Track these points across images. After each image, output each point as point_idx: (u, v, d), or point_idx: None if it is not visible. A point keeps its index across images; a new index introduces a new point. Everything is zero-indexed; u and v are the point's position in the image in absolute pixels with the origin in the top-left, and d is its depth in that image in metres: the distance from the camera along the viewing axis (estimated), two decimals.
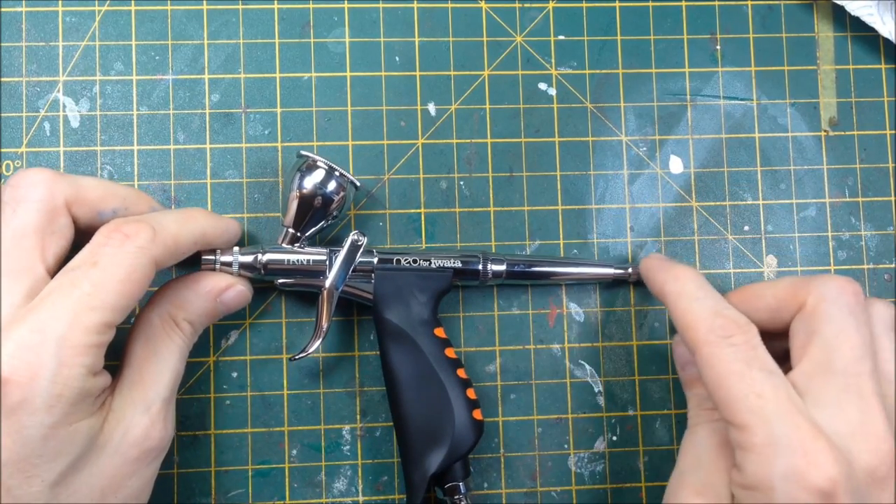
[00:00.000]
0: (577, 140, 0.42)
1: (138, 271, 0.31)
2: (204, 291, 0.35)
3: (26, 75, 0.40)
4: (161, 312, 0.34)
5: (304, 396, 0.40)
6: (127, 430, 0.32)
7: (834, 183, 0.42)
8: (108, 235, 0.31)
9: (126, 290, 0.30)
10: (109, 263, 0.30)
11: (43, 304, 0.30)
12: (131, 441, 0.32)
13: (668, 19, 0.43)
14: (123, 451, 0.31)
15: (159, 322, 0.34)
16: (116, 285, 0.30)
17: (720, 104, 0.43)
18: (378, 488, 0.40)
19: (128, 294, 0.31)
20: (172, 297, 0.35)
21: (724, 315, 0.32)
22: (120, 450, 0.31)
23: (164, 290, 0.35)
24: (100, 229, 0.32)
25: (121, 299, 0.30)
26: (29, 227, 0.31)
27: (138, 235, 0.31)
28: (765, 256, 0.42)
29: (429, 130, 0.41)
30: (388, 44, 0.42)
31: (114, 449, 0.31)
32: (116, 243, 0.31)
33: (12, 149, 0.40)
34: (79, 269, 0.30)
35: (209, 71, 0.41)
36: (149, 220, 0.32)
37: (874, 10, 0.42)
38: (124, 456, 0.31)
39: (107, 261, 0.31)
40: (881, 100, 0.43)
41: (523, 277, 0.40)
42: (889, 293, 0.42)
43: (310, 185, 0.36)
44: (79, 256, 0.31)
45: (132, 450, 0.32)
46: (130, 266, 0.31)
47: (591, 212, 0.42)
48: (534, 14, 0.42)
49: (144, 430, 0.32)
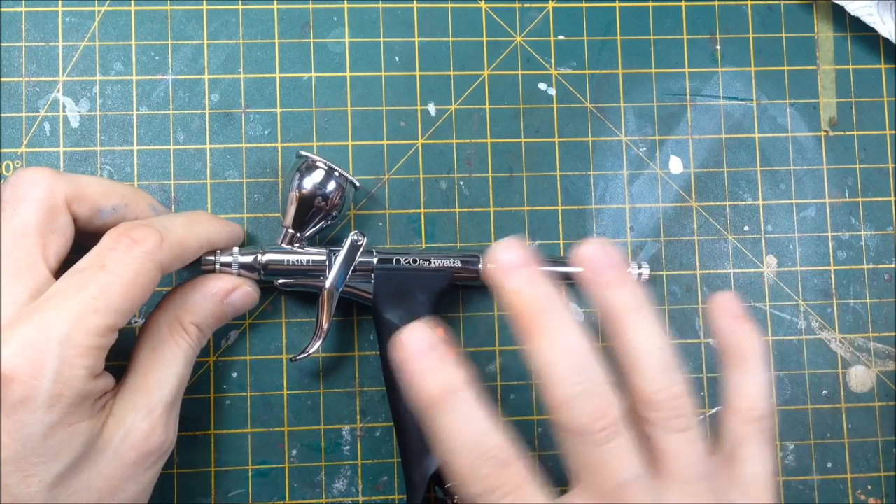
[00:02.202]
0: (577, 140, 0.42)
1: (144, 276, 0.31)
2: (210, 294, 0.35)
3: (26, 75, 0.40)
4: (168, 317, 0.34)
5: (304, 396, 0.40)
6: (127, 434, 0.31)
7: (834, 183, 0.42)
8: (116, 239, 0.31)
9: (131, 295, 0.31)
10: (116, 267, 0.31)
11: (48, 304, 0.30)
12: (130, 445, 0.31)
13: (668, 19, 0.43)
14: (122, 454, 0.31)
15: (166, 327, 0.34)
16: (122, 289, 0.30)
17: (720, 104, 0.43)
18: (378, 488, 0.40)
19: (133, 298, 0.31)
20: (180, 300, 0.35)
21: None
22: (119, 453, 0.31)
23: (172, 294, 0.35)
24: (108, 232, 0.32)
25: (125, 303, 0.30)
26: (30, 225, 0.31)
27: (146, 241, 0.31)
28: (765, 256, 0.42)
29: (429, 130, 0.41)
30: (387, 44, 0.42)
31: (113, 452, 0.31)
32: (124, 248, 0.31)
33: (12, 149, 0.40)
34: (86, 272, 0.30)
35: (209, 71, 0.41)
36: (156, 225, 0.32)
37: (874, 10, 0.42)
38: (123, 459, 0.31)
39: (114, 265, 0.31)
40: (881, 100, 0.43)
41: None
42: (889, 293, 0.42)
43: (309, 186, 0.36)
44: (86, 259, 0.31)
45: (131, 453, 0.31)
46: (137, 271, 0.31)
47: (591, 212, 0.42)
48: (534, 14, 0.42)
49: (144, 434, 0.32)
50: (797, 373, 0.41)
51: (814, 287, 0.42)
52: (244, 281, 0.36)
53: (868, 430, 0.41)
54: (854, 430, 0.41)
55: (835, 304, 0.42)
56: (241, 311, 0.37)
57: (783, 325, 0.42)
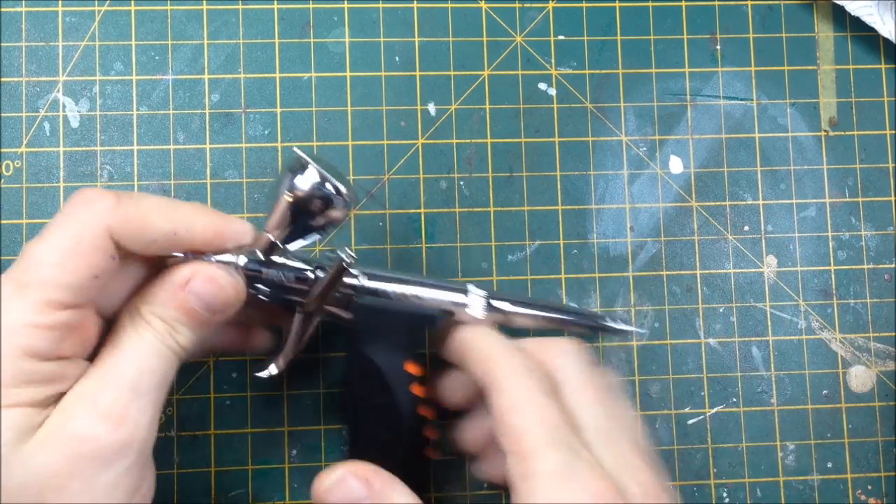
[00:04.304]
0: (577, 140, 0.42)
1: (87, 241, 0.28)
2: (168, 280, 0.31)
3: (26, 75, 0.40)
4: (129, 309, 0.31)
5: (304, 396, 0.40)
6: (67, 425, 0.28)
7: (834, 183, 0.43)
8: (69, 202, 0.29)
9: (73, 265, 0.28)
10: (56, 234, 0.28)
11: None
12: (70, 437, 0.28)
13: (668, 19, 0.43)
14: (62, 446, 0.28)
15: (127, 317, 0.31)
16: (58, 259, 0.28)
17: (720, 104, 0.43)
18: None
19: (75, 269, 0.28)
20: (140, 292, 0.31)
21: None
22: (60, 445, 0.28)
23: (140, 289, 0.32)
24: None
25: (66, 275, 0.28)
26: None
27: (96, 202, 0.29)
28: (765, 256, 0.42)
29: (429, 130, 0.41)
30: (387, 44, 0.42)
31: (54, 444, 0.28)
32: (67, 210, 0.29)
33: (12, 149, 0.40)
34: (30, 244, 0.28)
35: (209, 71, 0.41)
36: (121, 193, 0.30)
37: (874, 10, 0.42)
38: (63, 453, 0.28)
39: (54, 231, 0.28)
40: (881, 100, 0.43)
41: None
42: (889, 293, 0.42)
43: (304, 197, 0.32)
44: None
45: (71, 447, 0.28)
46: (78, 235, 0.28)
47: (591, 212, 0.42)
48: (534, 14, 0.42)
49: (89, 427, 0.28)
50: (797, 373, 0.41)
51: (814, 287, 0.42)
52: (208, 266, 0.31)
53: (868, 430, 0.41)
54: (854, 430, 0.41)
55: (835, 304, 0.42)
56: (217, 304, 0.31)
57: (783, 325, 0.42)
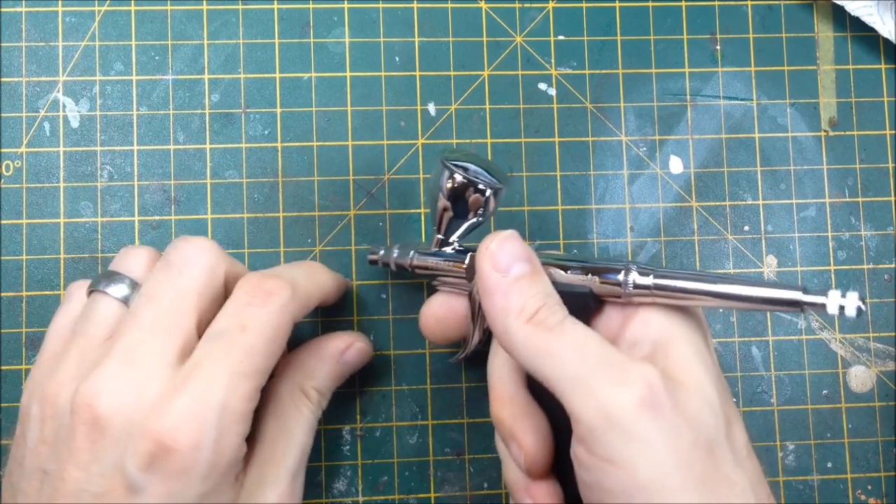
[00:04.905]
0: (577, 140, 0.42)
1: (282, 331, 0.31)
2: (327, 356, 0.36)
3: (26, 75, 0.40)
4: (289, 384, 0.34)
5: None
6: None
7: (834, 183, 0.43)
8: (250, 293, 0.31)
9: (272, 352, 0.31)
10: (256, 326, 0.30)
11: (199, 371, 0.29)
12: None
13: (668, 19, 0.43)
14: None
15: (288, 395, 0.34)
16: (264, 349, 0.30)
17: (720, 104, 0.43)
18: (378, 488, 0.40)
19: (273, 355, 0.31)
20: (298, 366, 0.35)
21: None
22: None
23: (289, 359, 0.35)
24: (239, 284, 0.32)
25: (268, 362, 0.31)
26: (192, 288, 0.31)
27: (280, 293, 0.31)
28: (765, 256, 0.42)
29: (429, 130, 0.41)
30: (387, 44, 0.42)
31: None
32: (260, 302, 0.31)
33: (12, 149, 0.40)
34: (228, 334, 0.30)
35: (209, 71, 0.41)
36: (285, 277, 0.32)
37: (874, 10, 0.42)
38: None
39: (253, 323, 0.30)
40: (881, 100, 0.43)
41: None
42: (889, 293, 0.42)
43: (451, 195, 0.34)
44: (224, 317, 0.31)
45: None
46: (276, 327, 0.31)
47: (591, 212, 0.42)
48: (534, 14, 0.42)
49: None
50: (797, 373, 0.41)
51: (814, 287, 0.42)
52: (357, 337, 0.37)
53: (868, 430, 0.41)
54: (854, 430, 0.41)
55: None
56: (357, 368, 0.37)
57: (783, 325, 0.42)
